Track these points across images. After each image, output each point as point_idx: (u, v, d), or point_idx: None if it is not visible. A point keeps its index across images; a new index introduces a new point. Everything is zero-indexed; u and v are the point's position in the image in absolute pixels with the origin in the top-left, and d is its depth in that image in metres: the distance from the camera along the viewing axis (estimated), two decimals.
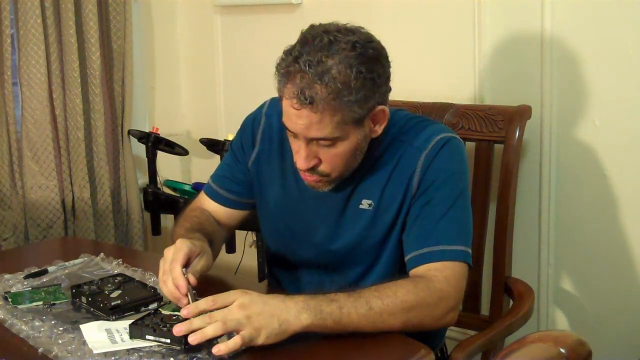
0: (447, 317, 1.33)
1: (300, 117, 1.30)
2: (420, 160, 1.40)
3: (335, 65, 1.27)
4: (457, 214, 1.39)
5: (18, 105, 2.48)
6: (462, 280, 1.36)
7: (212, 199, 1.63)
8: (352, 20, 2.30)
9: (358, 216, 1.45)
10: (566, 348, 0.94)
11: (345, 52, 1.28)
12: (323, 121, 1.29)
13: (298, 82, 1.28)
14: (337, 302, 1.23)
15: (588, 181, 1.91)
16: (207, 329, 1.16)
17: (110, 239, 2.66)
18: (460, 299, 1.36)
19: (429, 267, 1.35)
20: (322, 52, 1.28)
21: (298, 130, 1.33)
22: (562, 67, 1.90)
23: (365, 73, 1.29)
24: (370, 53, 1.31)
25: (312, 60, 1.27)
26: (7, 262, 1.72)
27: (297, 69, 1.28)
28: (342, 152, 1.35)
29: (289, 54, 1.32)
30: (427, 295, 1.29)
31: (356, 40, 1.30)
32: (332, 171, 1.39)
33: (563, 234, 1.98)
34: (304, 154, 1.35)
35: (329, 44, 1.28)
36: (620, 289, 1.91)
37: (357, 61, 1.28)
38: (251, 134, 1.57)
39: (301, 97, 1.27)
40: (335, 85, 1.26)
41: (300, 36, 1.35)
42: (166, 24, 2.88)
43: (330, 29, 1.32)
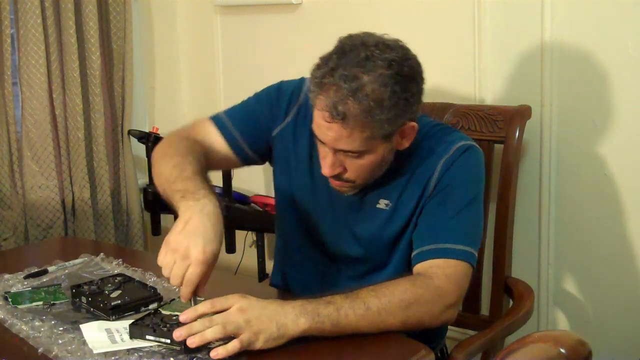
0: (445, 314, 1.32)
1: (331, 130, 1.31)
2: (439, 165, 1.41)
3: (370, 82, 1.27)
4: (468, 216, 1.40)
5: (18, 105, 2.48)
6: (463, 279, 1.36)
7: (220, 131, 1.54)
8: (352, 20, 2.31)
9: (374, 215, 1.46)
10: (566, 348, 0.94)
11: (381, 70, 1.27)
12: (352, 136, 1.30)
13: (332, 95, 1.27)
14: (335, 304, 1.23)
15: (588, 181, 1.91)
16: (206, 332, 1.16)
17: (110, 239, 2.66)
18: (460, 297, 1.36)
19: (432, 263, 1.35)
20: (358, 68, 1.27)
21: (327, 141, 1.34)
22: (562, 67, 1.90)
23: (400, 92, 1.28)
24: (405, 71, 1.30)
25: (347, 75, 1.27)
26: (7, 262, 1.72)
27: (331, 82, 1.28)
28: (367, 163, 1.37)
29: (325, 63, 1.31)
30: (425, 292, 1.30)
31: (393, 58, 1.29)
32: (357, 179, 1.40)
33: (563, 234, 1.98)
34: (330, 162, 1.36)
35: (366, 60, 1.28)
36: (621, 288, 1.91)
37: (392, 80, 1.28)
38: (287, 103, 1.53)
39: (333, 111, 1.27)
40: (368, 103, 1.26)
41: (338, 45, 1.34)
42: (166, 24, 2.88)
43: (368, 42, 1.31)
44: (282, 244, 1.64)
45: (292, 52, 2.49)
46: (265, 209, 2.44)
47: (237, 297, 1.21)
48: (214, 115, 1.58)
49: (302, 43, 2.46)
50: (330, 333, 1.22)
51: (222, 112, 1.58)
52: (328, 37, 2.60)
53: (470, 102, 2.03)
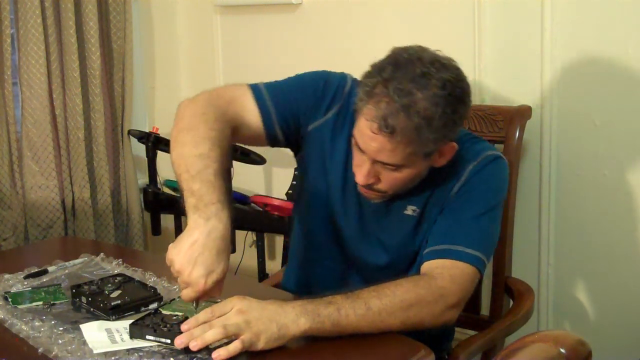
0: (446, 314, 1.32)
1: (375, 141, 1.29)
2: (466, 171, 1.41)
3: (423, 100, 1.25)
4: (484, 223, 1.40)
5: (18, 105, 2.48)
6: (468, 281, 1.35)
7: (258, 106, 1.45)
8: (352, 20, 2.31)
9: (402, 221, 1.45)
10: (566, 348, 0.94)
11: (435, 89, 1.26)
12: (396, 150, 1.29)
13: (383, 107, 1.26)
14: (335, 305, 1.23)
15: (588, 181, 1.91)
16: (207, 335, 1.16)
17: (110, 239, 2.66)
18: (463, 299, 1.35)
19: (439, 263, 1.35)
20: (413, 84, 1.26)
21: (368, 151, 1.32)
22: (562, 67, 1.90)
23: (449, 114, 1.28)
24: (457, 93, 1.29)
25: (402, 89, 1.25)
26: (7, 262, 1.72)
27: (384, 93, 1.26)
28: (403, 177, 1.36)
29: (377, 73, 1.29)
30: (427, 293, 1.29)
31: (448, 79, 1.28)
32: (388, 190, 1.39)
33: (563, 234, 1.98)
34: (366, 171, 1.35)
35: (421, 76, 1.26)
36: (620, 289, 1.91)
37: (445, 101, 1.27)
38: (330, 100, 1.49)
39: (382, 124, 1.26)
40: (419, 120, 1.25)
41: (392, 55, 1.32)
42: (166, 24, 2.88)
43: (424, 58, 1.30)
44: (303, 244, 1.60)
45: (292, 52, 2.49)
46: (265, 209, 2.43)
47: (236, 299, 1.21)
48: (254, 85, 1.49)
49: (302, 43, 2.46)
50: (330, 333, 1.22)
51: (261, 84, 1.50)
52: (328, 37, 2.60)
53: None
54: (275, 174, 2.68)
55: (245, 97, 1.47)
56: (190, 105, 1.41)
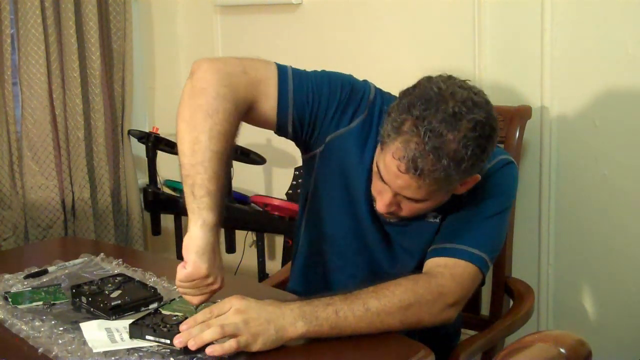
0: (445, 313, 1.31)
1: (401, 179, 1.27)
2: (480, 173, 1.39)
3: (454, 142, 1.22)
4: (492, 226, 1.40)
5: (18, 105, 2.48)
6: (469, 281, 1.34)
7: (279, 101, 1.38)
8: (352, 20, 2.31)
9: (425, 228, 1.44)
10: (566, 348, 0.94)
11: (466, 132, 1.23)
12: (421, 188, 1.27)
13: (412, 147, 1.22)
14: (334, 306, 1.22)
15: (588, 181, 1.91)
16: (205, 334, 1.16)
17: (110, 239, 2.66)
18: (462, 297, 1.34)
19: (442, 261, 1.35)
20: (444, 124, 1.22)
21: (392, 186, 1.30)
22: (562, 67, 1.90)
23: (479, 154, 1.26)
24: (487, 132, 1.26)
25: (432, 130, 1.21)
26: (7, 262, 1.72)
27: (414, 133, 1.22)
28: (424, 207, 1.35)
29: (407, 109, 1.25)
30: (426, 292, 1.29)
31: (479, 120, 1.24)
32: (408, 216, 1.38)
33: (563, 234, 1.98)
34: (387, 202, 1.33)
35: (453, 117, 1.23)
36: (620, 289, 1.91)
37: (475, 143, 1.24)
38: (355, 109, 1.43)
39: (411, 165, 1.23)
40: (448, 163, 1.23)
41: (422, 88, 1.27)
42: (166, 24, 2.88)
43: (456, 94, 1.25)
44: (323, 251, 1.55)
45: (292, 52, 2.49)
46: (265, 208, 2.43)
47: (235, 299, 1.21)
48: (282, 69, 1.40)
49: (302, 43, 2.46)
50: (328, 335, 1.22)
51: (290, 70, 1.41)
52: (328, 37, 2.60)
53: None
54: (275, 174, 2.68)
55: (269, 83, 1.38)
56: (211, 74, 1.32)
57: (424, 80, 1.30)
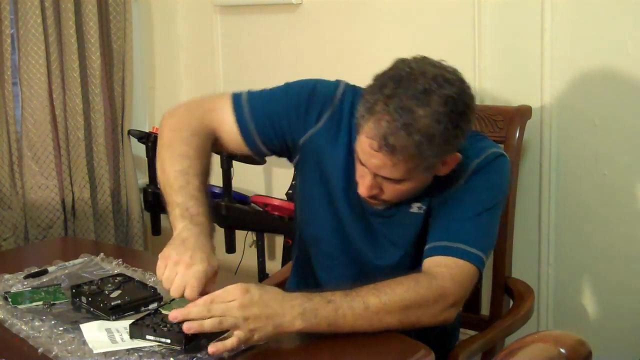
0: (445, 314, 1.31)
1: (375, 158, 1.29)
2: (470, 167, 1.40)
3: (425, 117, 1.24)
4: (485, 222, 1.40)
5: (18, 105, 2.48)
6: (468, 281, 1.35)
7: (238, 123, 1.47)
8: (352, 20, 2.31)
9: (410, 219, 1.45)
10: (566, 348, 0.94)
11: (437, 107, 1.25)
12: (396, 166, 1.29)
13: (384, 125, 1.25)
14: (334, 304, 1.22)
15: (588, 181, 1.91)
16: (205, 323, 1.16)
17: (110, 239, 2.66)
18: (462, 298, 1.34)
19: (440, 261, 1.34)
20: (414, 101, 1.24)
21: (369, 167, 1.32)
22: (562, 67, 1.90)
23: (451, 130, 1.26)
24: (460, 108, 1.27)
25: (403, 107, 1.24)
26: (7, 262, 1.72)
27: (385, 111, 1.25)
28: (405, 189, 1.36)
29: (379, 89, 1.28)
30: (427, 292, 1.29)
31: (450, 95, 1.26)
32: (392, 200, 1.40)
33: (563, 234, 1.98)
34: (368, 184, 1.35)
35: (423, 93, 1.25)
36: (620, 288, 1.91)
37: (446, 118, 1.25)
38: (320, 109, 1.47)
39: (383, 142, 1.25)
40: (419, 139, 1.24)
41: (394, 69, 1.30)
42: (166, 24, 2.88)
43: (427, 72, 1.27)
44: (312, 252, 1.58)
45: (292, 52, 2.49)
46: (265, 208, 2.43)
47: (240, 291, 1.20)
48: (236, 95, 1.49)
49: (302, 43, 2.46)
50: (326, 332, 1.22)
51: (245, 95, 1.49)
52: (328, 37, 2.61)
53: None
54: (275, 174, 2.68)
55: (224, 110, 1.49)
56: (169, 119, 1.48)
57: (398, 61, 1.33)
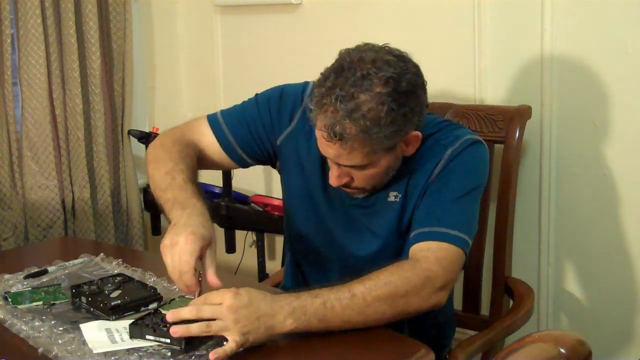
0: (434, 297, 1.31)
1: (330, 148, 1.33)
2: (446, 154, 1.42)
3: (367, 101, 1.28)
4: (466, 205, 1.41)
5: (18, 105, 2.48)
6: (454, 263, 1.35)
7: (215, 134, 1.55)
8: (352, 20, 2.31)
9: (387, 208, 1.47)
10: (566, 348, 0.94)
11: (378, 88, 1.28)
12: (352, 153, 1.32)
13: (329, 116, 1.29)
14: (321, 298, 1.23)
15: (588, 181, 1.91)
16: (192, 327, 1.18)
17: (110, 239, 2.66)
18: (450, 281, 1.35)
19: (424, 246, 1.35)
20: (354, 88, 1.28)
21: (329, 157, 1.37)
22: (562, 67, 1.90)
23: (397, 109, 1.29)
24: (403, 87, 1.30)
25: (344, 95, 1.28)
26: (7, 262, 1.72)
27: (329, 102, 1.29)
28: (373, 173, 1.38)
29: (323, 82, 1.32)
30: (412, 275, 1.29)
31: (390, 76, 1.29)
32: (365, 186, 1.42)
33: (563, 234, 1.98)
34: (336, 174, 1.39)
35: (362, 79, 1.28)
36: (621, 289, 1.91)
37: (390, 98, 1.28)
38: (291, 109, 1.52)
39: (331, 132, 1.29)
40: (365, 123, 1.28)
41: (337, 61, 1.34)
42: (166, 24, 2.88)
43: (366, 59, 1.31)
44: (299, 249, 1.63)
45: (292, 52, 2.49)
46: (265, 208, 2.44)
47: (229, 294, 1.20)
48: (211, 114, 1.58)
49: (302, 43, 2.46)
50: (318, 328, 1.23)
51: (219, 112, 1.58)
52: (328, 37, 2.61)
53: (470, 102, 2.03)
54: (275, 174, 2.66)
55: (201, 126, 1.56)
56: (152, 145, 1.54)
57: (341, 52, 1.37)
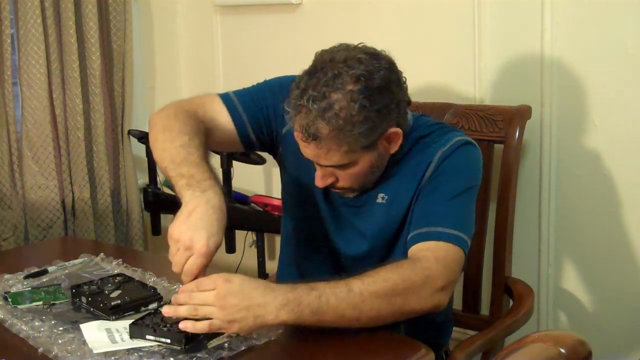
0: (434, 297, 1.29)
1: (307, 149, 1.34)
2: (436, 156, 1.41)
3: (339, 100, 1.28)
4: (460, 205, 1.40)
5: (18, 105, 2.48)
6: (454, 263, 1.33)
7: (229, 110, 1.51)
8: (352, 20, 2.31)
9: (375, 210, 1.47)
10: (566, 348, 0.94)
11: (349, 87, 1.29)
12: (330, 152, 1.33)
13: (303, 117, 1.30)
14: (317, 291, 1.21)
15: (588, 181, 1.91)
16: (181, 309, 1.19)
17: (110, 239, 2.66)
18: (450, 281, 1.32)
19: (423, 246, 1.34)
20: (326, 87, 1.29)
21: (309, 158, 1.37)
22: (562, 67, 1.90)
23: (369, 106, 1.29)
24: (376, 84, 1.31)
25: (316, 96, 1.29)
26: (7, 262, 1.72)
27: (302, 104, 1.30)
28: (356, 172, 1.38)
29: (297, 84, 1.33)
30: (412, 274, 1.27)
31: (361, 73, 1.30)
32: (352, 185, 1.42)
33: (563, 234, 1.98)
34: (320, 175, 1.39)
35: (333, 78, 1.29)
36: (621, 288, 1.91)
37: (361, 95, 1.29)
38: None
39: (305, 133, 1.30)
40: (338, 122, 1.28)
41: (312, 63, 1.35)
42: (166, 24, 2.88)
43: (338, 58, 1.32)
44: (295, 241, 1.62)
45: (292, 52, 2.49)
46: (265, 209, 2.44)
47: (221, 280, 1.20)
48: (222, 94, 1.55)
49: (302, 43, 2.46)
50: (311, 322, 1.21)
51: (231, 92, 1.55)
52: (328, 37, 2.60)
53: (470, 102, 2.03)
54: (275, 174, 2.68)
55: (214, 103, 1.53)
56: (160, 112, 1.49)
57: (316, 54, 1.37)
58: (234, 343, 1.21)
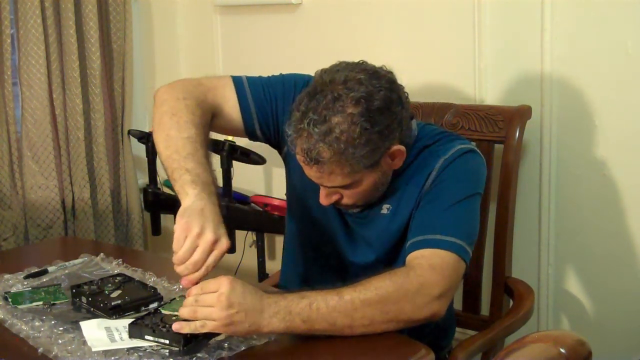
0: (431, 306, 1.27)
1: (310, 171, 1.34)
2: (438, 164, 1.41)
3: (339, 124, 1.28)
4: (462, 211, 1.38)
5: (18, 105, 2.48)
6: (450, 270, 1.31)
7: (240, 103, 1.49)
8: (352, 20, 2.31)
9: (380, 220, 1.46)
10: (566, 348, 0.94)
11: (349, 109, 1.28)
12: (332, 174, 1.32)
13: (304, 141, 1.29)
14: (308, 299, 1.21)
15: (588, 181, 1.91)
16: (181, 310, 1.19)
17: (110, 239, 2.66)
18: (447, 289, 1.30)
19: (418, 254, 1.32)
20: (326, 111, 1.28)
21: (314, 180, 1.36)
22: (562, 67, 1.90)
23: (371, 128, 1.29)
24: (376, 105, 1.29)
25: (316, 120, 1.28)
26: (7, 262, 1.72)
27: (303, 127, 1.29)
28: (360, 190, 1.38)
29: (298, 106, 1.32)
30: (405, 282, 1.26)
31: (361, 96, 1.28)
32: (356, 202, 1.42)
33: (563, 234, 1.98)
34: (324, 194, 1.39)
35: (334, 101, 1.28)
36: (621, 289, 1.91)
37: (362, 118, 1.28)
38: None
39: (307, 157, 1.30)
40: (339, 146, 1.28)
41: (312, 83, 1.34)
42: (166, 24, 2.88)
43: (337, 79, 1.30)
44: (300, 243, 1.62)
45: (292, 52, 2.49)
46: (265, 209, 2.43)
47: (225, 283, 1.20)
48: (237, 77, 1.53)
49: (302, 43, 2.46)
50: (302, 330, 1.21)
51: (245, 77, 1.53)
52: (328, 37, 2.60)
53: (470, 102, 2.03)
54: (275, 174, 2.68)
55: (226, 88, 1.50)
56: (169, 90, 1.47)
57: (316, 73, 1.36)
58: (234, 343, 1.21)
